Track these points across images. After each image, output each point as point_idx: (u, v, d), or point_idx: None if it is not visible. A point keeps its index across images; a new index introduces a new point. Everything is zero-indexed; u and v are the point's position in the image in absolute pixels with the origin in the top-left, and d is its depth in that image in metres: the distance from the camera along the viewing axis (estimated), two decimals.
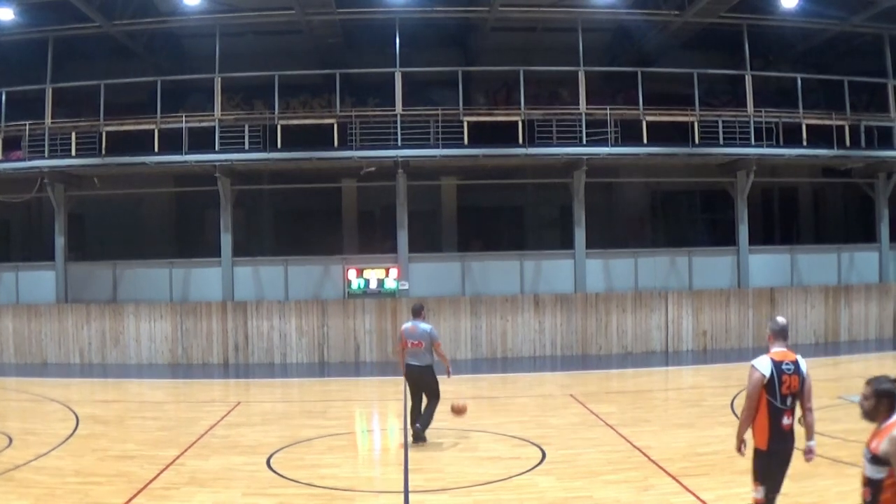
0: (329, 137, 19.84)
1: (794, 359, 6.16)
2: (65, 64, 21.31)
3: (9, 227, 24.66)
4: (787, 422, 6.07)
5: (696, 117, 20.42)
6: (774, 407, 6.05)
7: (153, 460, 9.80)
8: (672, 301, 20.60)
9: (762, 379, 6.05)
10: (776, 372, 6.05)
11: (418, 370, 10.73)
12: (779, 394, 6.03)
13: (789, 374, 6.07)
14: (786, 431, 6.07)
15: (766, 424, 6.08)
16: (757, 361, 6.14)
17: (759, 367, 6.09)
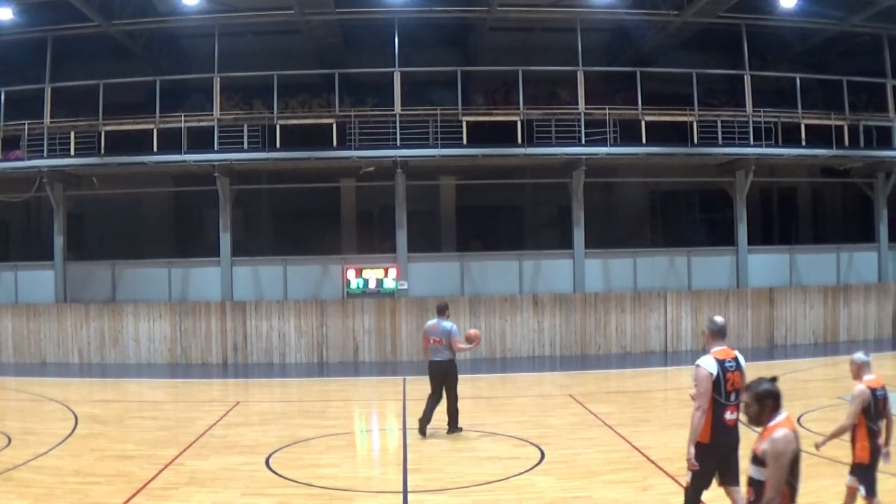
0: (328, 137, 19.84)
1: (734, 355, 6.54)
2: (64, 64, 21.29)
3: (8, 227, 24.66)
4: (730, 416, 6.33)
5: (695, 117, 20.43)
6: (718, 403, 6.30)
7: (152, 460, 9.80)
8: (671, 301, 20.62)
9: (710, 377, 6.32)
10: (721, 370, 6.36)
11: (439, 365, 11.14)
12: (724, 390, 6.32)
13: (732, 370, 6.41)
14: (729, 426, 6.32)
15: (710, 419, 6.30)
16: (702, 361, 6.42)
17: (706, 366, 6.36)
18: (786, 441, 4.43)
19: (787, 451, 4.39)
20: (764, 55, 23.39)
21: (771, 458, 4.43)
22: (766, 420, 4.60)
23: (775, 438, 4.45)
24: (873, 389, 6.53)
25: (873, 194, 22.27)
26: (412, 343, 19.91)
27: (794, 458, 4.42)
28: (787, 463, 4.39)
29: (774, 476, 4.39)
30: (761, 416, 4.62)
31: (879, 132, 21.40)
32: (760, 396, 4.64)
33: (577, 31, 20.32)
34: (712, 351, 6.52)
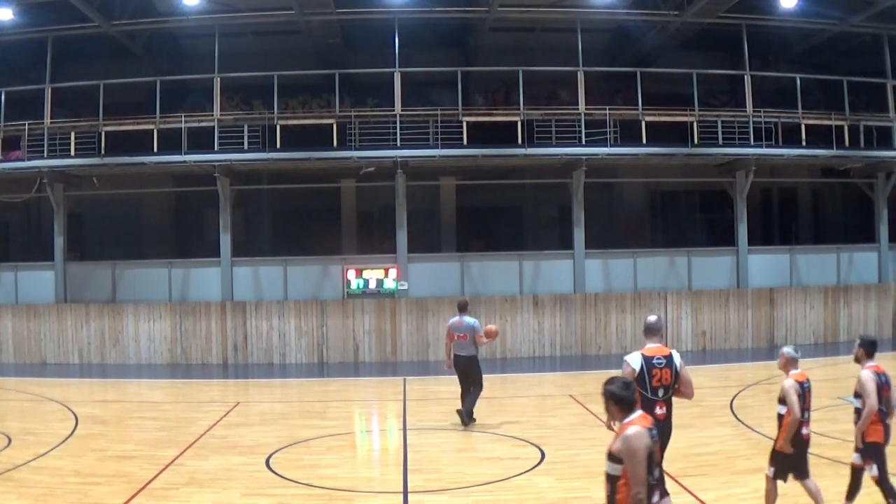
0: (328, 137, 19.83)
1: (668, 353, 6.79)
2: (64, 64, 21.30)
3: (8, 227, 24.67)
4: (659, 412, 6.63)
5: (695, 117, 20.43)
6: (645, 398, 6.56)
7: (152, 460, 9.80)
8: (671, 301, 20.61)
9: (633, 372, 6.63)
10: (646, 366, 6.66)
11: (464, 360, 11.83)
12: (649, 386, 6.64)
13: (660, 367, 6.68)
14: (659, 420, 6.48)
15: None
16: (628, 357, 6.82)
17: (631, 362, 6.74)
18: (637, 438, 4.62)
19: (641, 447, 4.58)
20: (764, 55, 23.40)
21: (626, 455, 4.63)
22: (621, 418, 4.80)
23: (628, 436, 4.65)
24: (800, 383, 6.89)
25: (873, 194, 22.26)
26: (412, 343, 19.93)
27: (648, 454, 4.62)
28: (643, 458, 4.59)
29: (635, 472, 4.58)
30: (617, 414, 4.85)
31: (880, 132, 21.39)
32: (605, 395, 4.90)
33: (578, 32, 20.31)
34: (644, 348, 6.80)
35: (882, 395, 6.92)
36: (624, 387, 4.87)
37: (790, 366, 7.09)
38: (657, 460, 4.80)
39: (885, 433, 6.97)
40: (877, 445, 6.97)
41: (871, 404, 6.85)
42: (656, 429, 5.70)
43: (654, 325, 7.00)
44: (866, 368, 7.05)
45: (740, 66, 21.37)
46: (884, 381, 6.97)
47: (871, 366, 7.07)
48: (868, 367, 7.07)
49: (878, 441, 6.96)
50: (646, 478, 4.58)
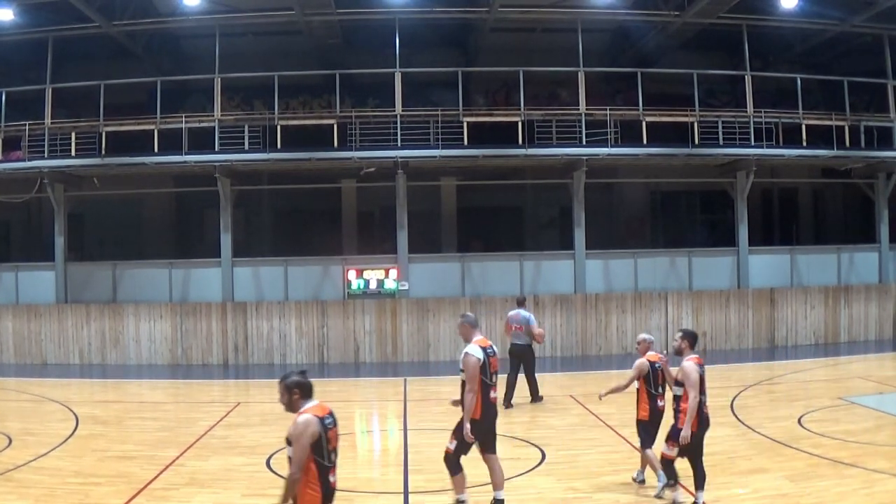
0: (329, 138, 19.83)
1: (491, 343, 7.60)
2: (64, 64, 21.31)
3: (9, 228, 24.67)
4: (493, 395, 7.44)
5: (696, 118, 20.42)
6: (485, 384, 7.33)
7: (153, 461, 9.80)
8: (672, 302, 20.60)
9: (479, 362, 7.27)
10: (485, 356, 7.33)
11: (519, 347, 13.48)
12: (489, 373, 7.36)
13: (492, 355, 7.44)
14: (493, 403, 7.44)
15: (479, 399, 7.32)
16: (470, 348, 7.36)
17: (474, 353, 7.31)
18: (305, 425, 5.18)
19: (307, 433, 5.14)
20: (765, 56, 23.40)
21: (294, 439, 5.16)
22: (298, 407, 5.35)
23: (297, 422, 5.19)
24: (652, 363, 7.94)
25: (874, 195, 22.25)
26: (413, 344, 19.92)
27: (315, 440, 5.16)
28: (307, 444, 5.11)
29: (297, 455, 5.11)
30: (292, 404, 5.39)
31: (880, 133, 21.38)
32: (288, 387, 5.41)
33: (578, 32, 20.31)
34: (474, 340, 7.42)
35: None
36: (301, 375, 5.43)
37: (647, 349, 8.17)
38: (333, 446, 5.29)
39: (699, 421, 7.57)
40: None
41: (696, 395, 7.44)
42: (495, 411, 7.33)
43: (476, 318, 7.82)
44: (688, 360, 7.65)
45: (741, 67, 21.37)
46: (702, 372, 7.66)
47: (692, 357, 7.71)
48: (689, 358, 7.69)
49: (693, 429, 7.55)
50: (304, 461, 5.09)
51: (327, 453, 5.21)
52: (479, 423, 7.33)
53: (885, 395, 13.55)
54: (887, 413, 12.04)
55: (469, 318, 7.65)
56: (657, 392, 8.11)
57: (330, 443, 5.26)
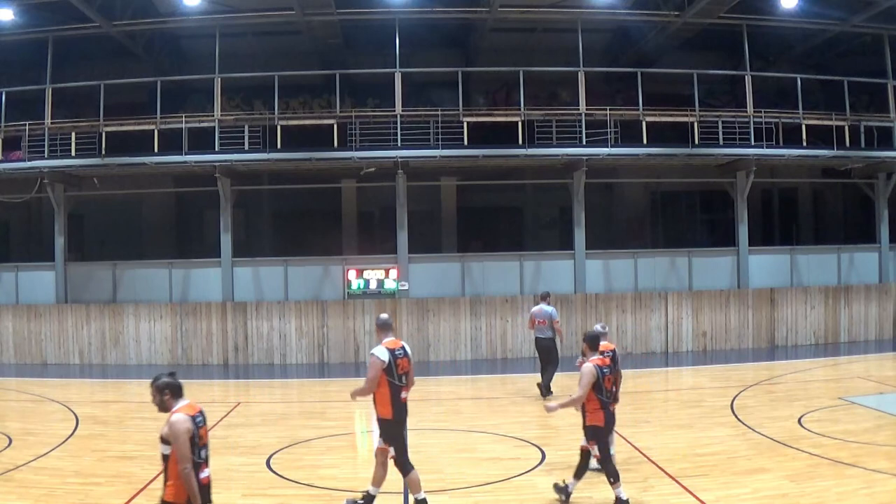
0: (329, 138, 19.84)
1: (402, 345, 7.75)
2: (64, 64, 21.31)
3: (9, 228, 24.66)
4: (404, 395, 7.64)
5: (696, 118, 20.42)
6: (394, 385, 7.56)
7: (153, 461, 9.73)
8: (672, 302, 20.60)
9: (383, 364, 7.49)
10: (392, 357, 7.52)
11: (543, 341, 14.20)
12: (396, 374, 7.55)
13: (401, 357, 7.58)
14: (403, 403, 7.62)
15: (389, 399, 7.55)
16: (376, 350, 7.57)
17: (380, 355, 7.52)
18: (179, 423, 5.47)
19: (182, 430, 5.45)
20: (765, 56, 23.40)
21: (172, 438, 5.43)
22: (170, 407, 5.63)
23: (171, 422, 5.49)
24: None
25: (874, 195, 22.26)
26: (413, 344, 19.85)
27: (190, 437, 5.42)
28: (186, 440, 5.41)
29: (180, 451, 5.41)
30: (164, 404, 5.68)
31: (880, 133, 21.38)
32: (159, 388, 5.70)
33: (578, 32, 20.31)
34: (383, 342, 7.61)
35: (603, 385, 7.87)
36: (171, 376, 5.75)
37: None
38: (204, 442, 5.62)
39: (605, 418, 7.85)
40: (597, 429, 7.87)
41: (581, 395, 7.81)
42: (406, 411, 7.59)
43: (388, 321, 7.90)
44: (589, 362, 7.99)
45: (741, 67, 21.37)
46: (606, 372, 7.94)
47: (594, 359, 8.03)
48: (592, 360, 8.01)
49: (598, 425, 7.85)
50: (189, 458, 5.37)
51: (198, 450, 5.53)
52: (390, 423, 7.58)
53: (885, 395, 13.55)
54: (887, 413, 12.04)
55: (380, 320, 7.86)
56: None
57: (201, 440, 5.59)
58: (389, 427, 7.62)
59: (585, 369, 7.92)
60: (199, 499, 5.38)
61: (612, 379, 8.11)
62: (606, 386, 7.91)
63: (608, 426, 7.97)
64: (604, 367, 8.00)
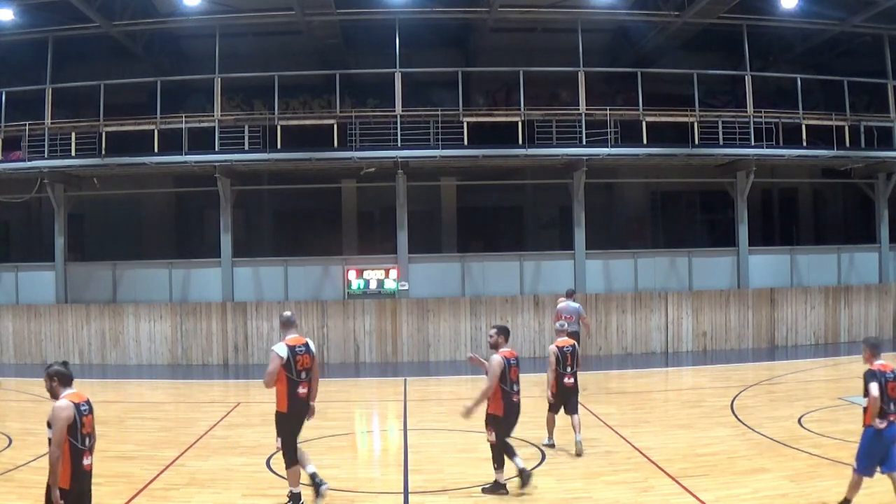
0: (329, 138, 19.83)
1: (305, 342, 7.95)
2: (64, 64, 21.31)
3: (9, 228, 24.67)
4: (302, 391, 7.83)
5: (696, 118, 20.42)
6: (292, 380, 7.74)
7: (153, 461, 9.80)
8: (672, 302, 20.60)
9: (281, 360, 7.67)
10: (291, 354, 7.71)
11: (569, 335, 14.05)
12: (294, 370, 7.74)
13: (301, 354, 7.80)
14: (301, 398, 7.83)
15: (286, 393, 7.75)
16: (276, 347, 7.79)
17: (279, 352, 7.73)
18: (61, 409, 5.71)
19: (62, 416, 5.67)
20: (765, 56, 23.40)
21: (53, 422, 5.70)
22: (58, 394, 5.83)
23: (55, 407, 5.73)
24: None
25: (874, 195, 22.25)
26: (413, 344, 19.92)
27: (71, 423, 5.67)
28: (63, 426, 5.66)
29: (55, 437, 5.65)
30: (53, 390, 5.86)
31: (880, 133, 21.37)
32: (49, 375, 5.88)
33: (578, 32, 20.31)
34: (285, 339, 7.84)
35: (509, 376, 8.31)
36: (63, 366, 5.96)
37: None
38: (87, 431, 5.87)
39: (505, 408, 8.30)
40: (496, 418, 8.32)
41: (490, 385, 8.25)
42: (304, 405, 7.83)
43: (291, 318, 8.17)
44: (498, 353, 8.40)
45: (741, 67, 21.37)
46: (513, 364, 8.42)
47: (504, 351, 8.45)
48: (501, 352, 8.42)
49: (498, 414, 8.32)
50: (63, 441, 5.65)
51: (81, 437, 5.78)
52: (283, 416, 7.83)
53: None
54: None
55: (283, 318, 8.15)
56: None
57: (84, 427, 5.81)
58: (282, 419, 7.84)
59: (494, 360, 8.33)
60: (58, 479, 5.65)
61: (517, 371, 8.50)
62: (512, 377, 8.36)
63: (507, 416, 8.35)
64: (511, 358, 8.45)
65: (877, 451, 7.31)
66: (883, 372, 7.34)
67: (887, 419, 7.24)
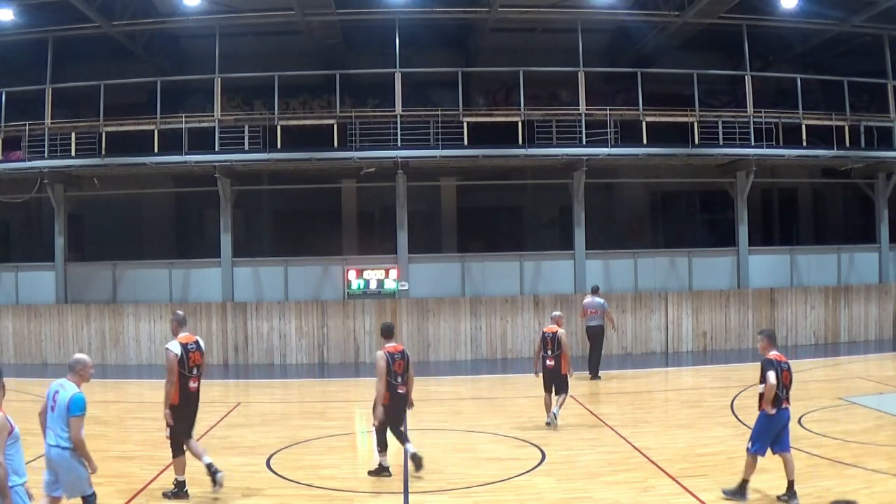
0: (329, 138, 19.84)
1: (196, 339, 8.59)
2: (64, 64, 21.30)
3: (9, 228, 24.67)
4: (193, 385, 8.35)
5: (696, 118, 20.42)
6: (184, 375, 8.27)
7: (153, 461, 9.79)
8: (672, 302, 20.60)
9: (176, 357, 8.25)
10: (184, 351, 8.32)
11: (594, 329, 16.36)
12: (187, 365, 8.30)
13: (192, 351, 8.40)
14: (192, 392, 8.36)
15: (178, 388, 8.25)
16: (170, 345, 8.38)
17: (173, 349, 8.31)
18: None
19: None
20: (765, 56, 23.40)
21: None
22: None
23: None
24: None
25: (874, 195, 22.26)
26: (413, 344, 19.89)
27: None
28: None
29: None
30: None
31: (880, 133, 21.39)
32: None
33: (578, 32, 20.32)
34: (178, 337, 8.42)
35: (393, 369, 9.02)
36: None
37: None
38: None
39: (390, 398, 8.98)
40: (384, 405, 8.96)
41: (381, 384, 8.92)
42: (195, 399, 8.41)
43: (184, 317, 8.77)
44: (382, 349, 9.10)
45: (741, 67, 21.37)
46: (397, 358, 9.08)
47: (388, 346, 9.15)
48: (385, 347, 9.12)
49: (385, 403, 8.96)
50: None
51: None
52: (178, 409, 8.20)
53: (885, 395, 13.56)
54: (887, 413, 12.05)
55: (177, 317, 8.65)
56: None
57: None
58: (174, 410, 8.23)
59: (378, 356, 9.04)
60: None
61: (401, 363, 9.10)
62: (396, 370, 9.05)
63: (393, 406, 8.99)
64: (395, 353, 9.12)
65: (769, 434, 7.89)
66: (779, 361, 8.07)
67: (781, 405, 7.91)
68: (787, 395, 8.02)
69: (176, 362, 8.20)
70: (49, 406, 6.62)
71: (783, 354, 8.31)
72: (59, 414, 6.55)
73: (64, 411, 6.51)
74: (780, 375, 7.96)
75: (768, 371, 7.91)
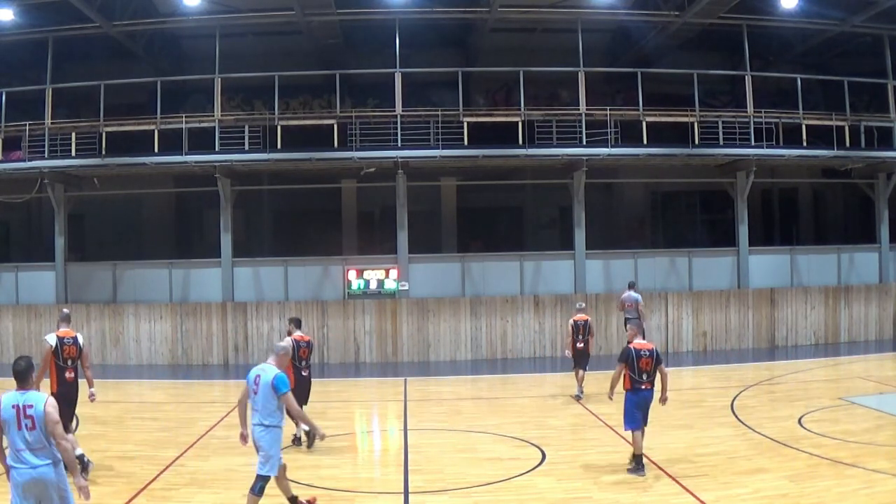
0: (329, 138, 19.83)
1: (74, 335, 9.26)
2: (65, 64, 21.31)
3: (9, 228, 24.67)
4: (69, 375, 9.12)
5: (696, 118, 20.42)
6: (59, 365, 9.04)
7: (153, 461, 9.80)
8: (672, 302, 20.60)
9: (51, 347, 9.02)
10: (59, 343, 9.05)
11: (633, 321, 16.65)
12: (62, 357, 9.07)
13: (69, 345, 9.11)
14: (69, 381, 9.12)
15: (55, 378, 9.01)
16: (47, 336, 9.19)
17: (49, 340, 9.12)
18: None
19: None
20: (765, 56, 23.39)
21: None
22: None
23: None
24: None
25: (874, 195, 22.26)
26: (413, 344, 19.93)
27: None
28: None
29: None
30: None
31: (880, 133, 21.38)
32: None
33: (578, 32, 20.31)
34: (57, 331, 9.19)
35: (298, 354, 10.19)
36: None
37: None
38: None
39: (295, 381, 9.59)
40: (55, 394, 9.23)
41: None
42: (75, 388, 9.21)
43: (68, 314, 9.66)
44: (290, 337, 10.13)
45: (741, 67, 21.36)
46: (303, 346, 10.40)
47: (296, 335, 10.32)
48: (295, 336, 10.29)
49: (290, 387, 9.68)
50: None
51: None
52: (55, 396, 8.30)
53: (885, 395, 13.56)
54: (887, 413, 12.05)
55: (61, 315, 9.54)
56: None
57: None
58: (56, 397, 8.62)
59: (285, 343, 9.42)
60: None
61: (306, 351, 10.39)
62: (301, 355, 10.26)
63: (296, 387, 9.52)
64: (301, 341, 10.34)
65: (635, 411, 9.03)
66: (639, 350, 9.10)
67: (641, 386, 9.01)
68: (650, 379, 9.05)
69: (50, 353, 9.00)
70: (251, 390, 7.46)
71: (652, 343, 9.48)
72: (264, 394, 7.29)
73: (269, 391, 7.24)
74: (638, 361, 9.01)
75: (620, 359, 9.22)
